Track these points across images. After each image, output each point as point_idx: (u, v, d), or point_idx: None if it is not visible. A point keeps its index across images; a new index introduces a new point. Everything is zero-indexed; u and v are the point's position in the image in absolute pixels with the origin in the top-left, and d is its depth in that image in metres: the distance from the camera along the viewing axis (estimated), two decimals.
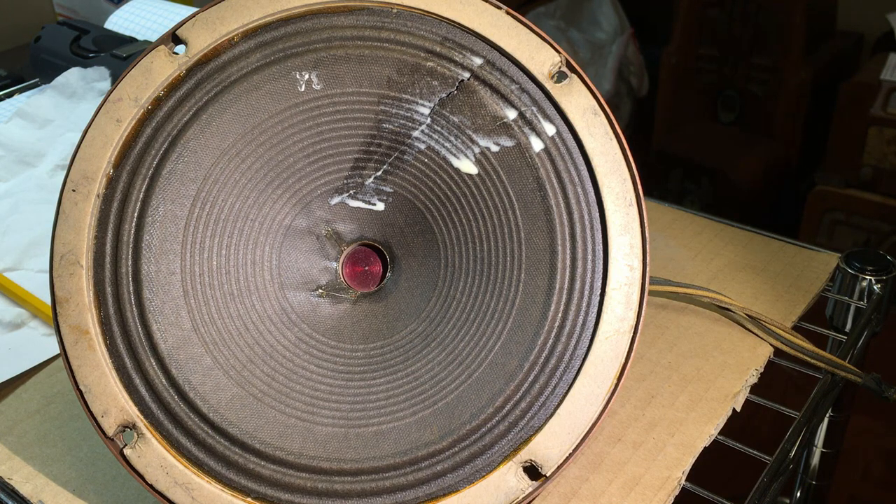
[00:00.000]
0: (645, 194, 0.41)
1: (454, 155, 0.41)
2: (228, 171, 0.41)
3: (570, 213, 0.40)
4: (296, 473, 0.38)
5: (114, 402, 0.39)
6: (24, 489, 0.45)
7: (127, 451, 0.38)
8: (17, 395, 0.51)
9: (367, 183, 0.42)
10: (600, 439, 0.47)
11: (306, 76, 0.41)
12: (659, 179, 1.94)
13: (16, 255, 0.62)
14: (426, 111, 0.41)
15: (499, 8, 0.41)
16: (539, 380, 0.39)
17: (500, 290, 0.40)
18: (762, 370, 0.52)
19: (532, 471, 0.39)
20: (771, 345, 0.53)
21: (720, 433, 0.48)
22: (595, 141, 0.40)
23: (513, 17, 0.41)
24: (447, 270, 0.41)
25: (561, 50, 0.41)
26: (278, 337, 0.41)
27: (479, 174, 0.41)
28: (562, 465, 0.39)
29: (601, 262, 0.40)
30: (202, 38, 0.41)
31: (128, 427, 0.39)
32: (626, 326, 0.40)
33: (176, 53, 0.41)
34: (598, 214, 0.40)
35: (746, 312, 0.54)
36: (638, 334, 0.40)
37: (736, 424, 0.49)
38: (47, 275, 0.45)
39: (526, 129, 0.40)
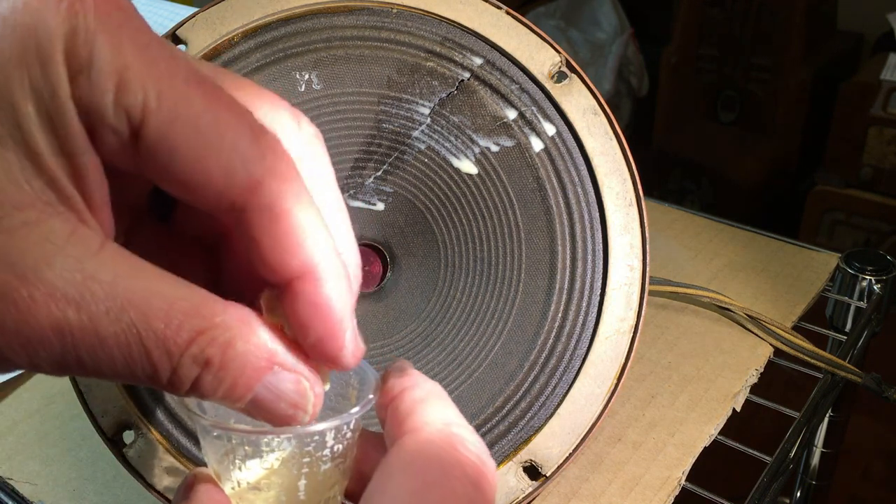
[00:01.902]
0: (645, 194, 0.41)
1: (454, 155, 0.41)
2: None
3: (570, 213, 0.40)
4: None
5: (114, 402, 0.39)
6: (24, 489, 0.45)
7: (127, 451, 0.38)
8: (17, 395, 0.51)
9: (367, 183, 0.42)
10: (600, 439, 0.47)
11: (306, 76, 0.41)
12: (659, 179, 1.94)
13: None
14: (426, 111, 0.41)
15: (499, 8, 0.41)
16: (539, 380, 0.39)
17: (500, 290, 0.40)
18: (762, 370, 0.52)
19: (532, 471, 0.39)
20: (771, 345, 0.53)
21: (720, 433, 0.48)
22: (595, 141, 0.40)
23: (513, 17, 0.41)
24: (447, 270, 0.41)
25: (561, 50, 0.41)
26: None
27: (479, 174, 0.41)
28: (562, 465, 0.39)
29: (601, 262, 0.40)
30: (202, 38, 0.41)
31: (128, 427, 0.39)
32: (626, 326, 0.40)
33: None
34: (598, 214, 0.40)
35: (746, 312, 0.54)
36: (638, 334, 0.40)
37: (736, 424, 0.49)
38: None
39: (526, 129, 0.40)
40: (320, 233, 0.22)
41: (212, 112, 0.20)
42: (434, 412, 0.24)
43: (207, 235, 0.25)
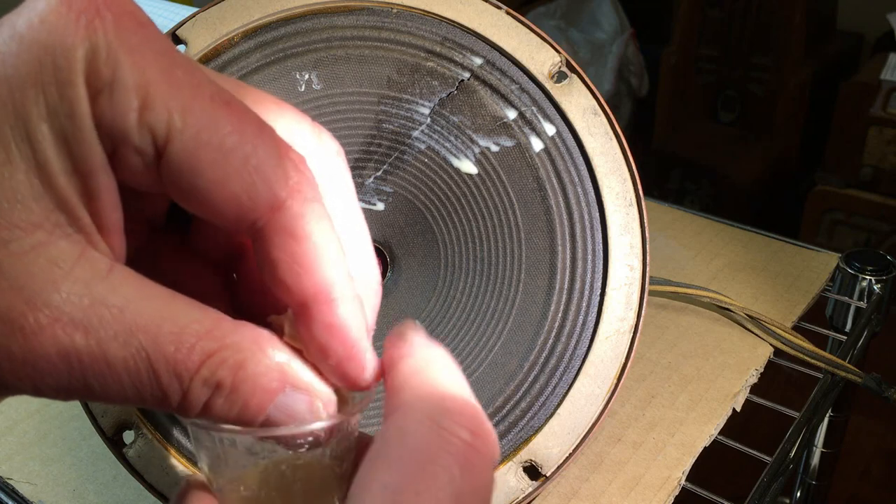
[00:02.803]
0: (645, 194, 0.41)
1: (454, 155, 0.41)
2: None
3: (570, 213, 0.40)
4: None
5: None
6: (24, 489, 0.45)
7: (127, 451, 0.38)
8: (18, 395, 0.51)
9: (367, 183, 0.42)
10: (600, 439, 0.47)
11: (306, 76, 0.41)
12: (659, 179, 1.94)
13: None
14: (426, 111, 0.41)
15: (499, 8, 0.41)
16: (539, 380, 0.39)
17: (500, 290, 0.40)
18: (762, 370, 0.52)
19: (532, 471, 0.39)
20: (771, 345, 0.53)
21: (720, 433, 0.48)
22: (595, 141, 0.40)
23: (513, 17, 0.41)
24: (447, 270, 0.41)
25: (561, 50, 0.41)
26: None
27: (479, 174, 0.41)
28: (562, 465, 0.39)
29: (601, 262, 0.40)
30: (202, 38, 0.41)
31: (128, 427, 0.39)
32: (626, 326, 0.40)
33: None
34: (598, 214, 0.40)
35: (746, 312, 0.54)
36: (638, 334, 0.40)
37: (736, 424, 0.49)
38: None
39: (526, 129, 0.40)
40: (337, 256, 0.22)
41: (237, 132, 0.20)
42: (424, 385, 0.22)
43: (224, 255, 0.25)
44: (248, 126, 0.20)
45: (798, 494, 0.66)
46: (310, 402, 0.22)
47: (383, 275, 0.43)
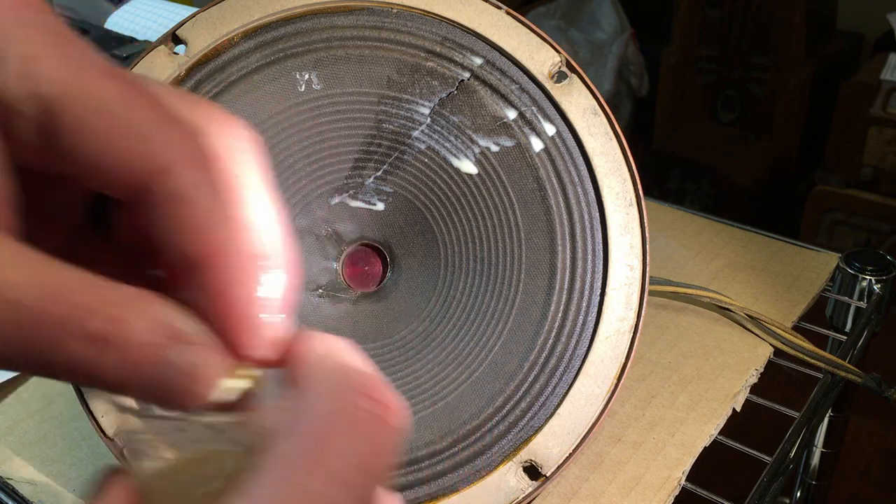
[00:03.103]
0: (645, 194, 0.41)
1: (454, 155, 0.41)
2: None
3: (570, 213, 0.40)
4: None
5: (114, 402, 0.39)
6: (24, 489, 0.45)
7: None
8: (18, 395, 0.51)
9: (367, 183, 0.42)
10: (600, 439, 0.47)
11: (306, 76, 0.41)
12: (659, 179, 1.94)
13: None
14: (426, 111, 0.41)
15: (499, 8, 0.41)
16: (539, 380, 0.39)
17: (500, 290, 0.40)
18: (762, 370, 0.52)
19: (532, 471, 0.39)
20: (771, 345, 0.53)
21: (720, 433, 0.48)
22: (595, 141, 0.40)
23: (513, 17, 0.41)
24: (447, 270, 0.41)
25: (561, 50, 0.41)
26: None
27: (479, 174, 0.41)
28: (562, 465, 0.39)
29: (601, 262, 0.40)
30: (202, 38, 0.41)
31: None
32: (626, 326, 0.40)
33: (176, 53, 0.41)
34: (598, 214, 0.40)
35: (746, 312, 0.54)
36: (638, 334, 0.40)
37: (736, 424, 0.49)
38: None
39: (526, 129, 0.40)
40: (224, 222, 0.22)
41: (122, 100, 0.21)
42: (327, 362, 0.22)
43: (147, 251, 0.25)
44: (136, 97, 0.21)
45: (798, 494, 0.66)
46: (195, 352, 0.21)
47: (383, 275, 0.43)
